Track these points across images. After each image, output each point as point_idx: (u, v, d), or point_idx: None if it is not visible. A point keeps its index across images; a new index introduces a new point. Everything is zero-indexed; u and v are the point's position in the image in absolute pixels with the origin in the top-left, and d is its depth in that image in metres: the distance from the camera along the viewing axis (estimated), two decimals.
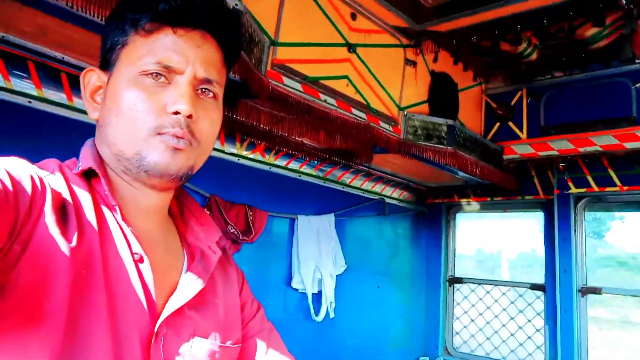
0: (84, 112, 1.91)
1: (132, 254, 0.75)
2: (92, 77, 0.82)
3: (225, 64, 0.85)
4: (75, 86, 1.87)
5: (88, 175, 0.78)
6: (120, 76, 0.77)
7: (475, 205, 3.68)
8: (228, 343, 0.87)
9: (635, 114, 2.56)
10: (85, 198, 0.74)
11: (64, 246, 0.66)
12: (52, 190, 0.70)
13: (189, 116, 0.76)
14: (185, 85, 0.76)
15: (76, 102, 1.90)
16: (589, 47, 2.39)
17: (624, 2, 1.41)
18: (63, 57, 1.75)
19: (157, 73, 0.75)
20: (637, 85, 2.56)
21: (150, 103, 0.74)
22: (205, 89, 0.80)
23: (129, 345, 0.70)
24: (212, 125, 0.81)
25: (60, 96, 1.86)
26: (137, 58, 0.76)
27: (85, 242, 0.69)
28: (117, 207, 0.76)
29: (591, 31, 2.23)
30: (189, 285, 0.82)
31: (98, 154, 0.81)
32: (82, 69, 1.78)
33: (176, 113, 0.75)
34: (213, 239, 0.92)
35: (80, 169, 0.77)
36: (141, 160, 0.75)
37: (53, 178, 0.73)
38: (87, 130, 0.86)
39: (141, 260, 0.75)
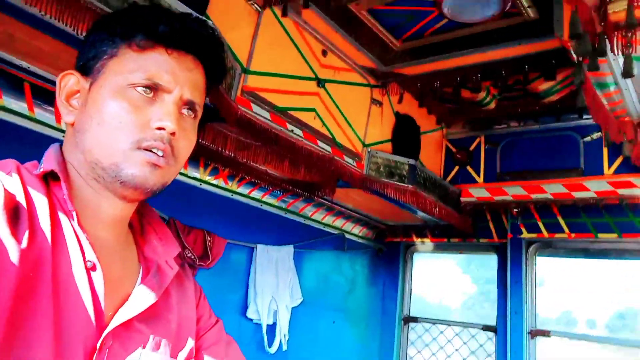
0: (45, 124, 1.89)
1: (85, 261, 0.73)
2: (70, 80, 0.81)
3: (207, 88, 0.89)
4: (38, 97, 1.84)
5: (48, 179, 0.77)
6: (106, 85, 0.77)
7: (432, 245, 3.76)
8: (180, 357, 0.85)
9: (583, 165, 2.72)
10: (41, 201, 0.72)
11: (12, 247, 0.64)
12: (5, 190, 0.68)
13: (172, 134, 0.78)
14: (171, 104, 0.79)
15: (37, 113, 1.86)
16: (542, 100, 2.55)
17: (574, 55, 1.53)
18: (28, 67, 1.73)
19: (145, 87, 0.77)
20: (585, 139, 2.73)
21: (135, 116, 0.76)
22: (187, 109, 0.83)
23: (73, 356, 0.68)
24: (189, 145, 0.84)
25: (21, 106, 1.82)
26: (127, 70, 0.77)
27: (36, 245, 0.68)
28: (74, 213, 0.75)
29: (545, 85, 2.39)
30: (141, 298, 0.80)
31: (63, 159, 0.80)
32: (47, 80, 1.79)
33: (160, 129, 0.77)
34: (171, 254, 0.92)
35: (42, 170, 0.76)
36: (118, 172, 0.76)
37: (8, 179, 0.71)
38: (47, 143, 0.84)
39: (94, 268, 0.74)
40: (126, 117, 0.75)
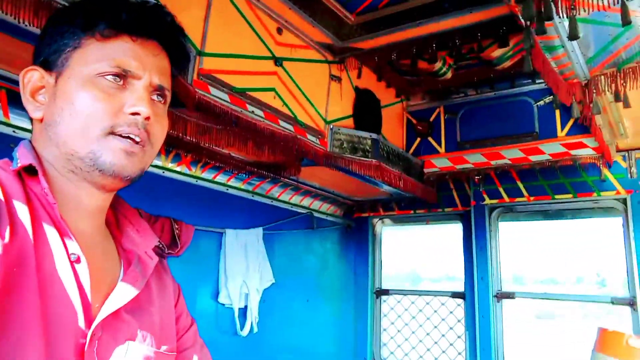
0: (21, 129, 1.83)
1: (69, 254, 0.73)
2: (33, 76, 0.81)
3: (172, 74, 0.90)
4: (13, 102, 1.80)
5: (23, 175, 0.76)
6: (74, 77, 0.78)
7: (399, 217, 3.83)
8: (163, 349, 0.86)
9: (538, 129, 2.82)
10: (18, 197, 0.72)
11: None
12: None
13: (147, 118, 0.79)
14: (142, 90, 0.80)
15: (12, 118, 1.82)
16: (496, 67, 2.61)
17: (522, 20, 1.57)
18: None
19: (114, 75, 0.78)
20: (538, 103, 2.82)
21: (107, 103, 0.77)
22: (158, 94, 0.84)
23: (63, 348, 0.68)
24: (162, 129, 0.86)
25: None
26: (93, 60, 0.78)
27: (18, 240, 0.67)
28: (55, 205, 0.74)
29: (498, 52, 2.44)
30: (126, 288, 0.81)
31: (36, 154, 0.79)
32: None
33: (134, 114, 0.78)
34: (150, 245, 0.93)
35: (19, 165, 0.75)
36: (95, 160, 0.77)
37: None
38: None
39: (78, 260, 0.74)
40: (98, 105, 0.76)
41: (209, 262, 2.74)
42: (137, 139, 0.79)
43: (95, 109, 0.76)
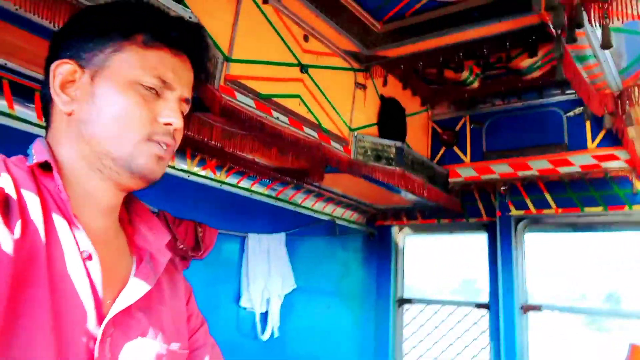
0: (26, 122, 1.87)
1: (80, 251, 0.74)
2: (65, 69, 0.82)
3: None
4: (18, 94, 1.82)
5: (35, 172, 0.77)
6: (115, 79, 0.81)
7: (423, 227, 3.79)
8: (174, 347, 0.86)
9: (567, 140, 2.76)
10: (31, 193, 0.72)
11: (5, 237, 0.64)
12: None
13: (176, 129, 0.84)
14: (175, 102, 0.85)
15: (17, 110, 1.84)
16: (524, 77, 2.57)
17: (552, 29, 1.54)
18: (6, 64, 1.71)
19: (154, 85, 0.82)
20: (568, 115, 2.76)
21: (146, 111, 0.81)
22: (184, 106, 0.88)
23: (74, 345, 0.68)
24: (181, 139, 0.90)
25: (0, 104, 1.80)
26: (134, 67, 0.81)
27: (30, 236, 0.68)
28: (67, 203, 0.75)
29: (526, 62, 2.40)
30: (138, 285, 0.81)
31: (51, 150, 0.81)
32: (25, 76, 1.77)
33: (167, 124, 0.83)
34: (162, 242, 0.93)
35: (35, 161, 0.77)
36: (130, 162, 0.80)
37: None
38: (28, 140, 0.84)
39: (89, 257, 0.75)
40: (137, 111, 0.80)
41: (232, 265, 2.76)
42: (165, 147, 0.83)
43: (135, 115, 0.80)
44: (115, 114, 0.79)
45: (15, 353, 0.63)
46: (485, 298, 3.41)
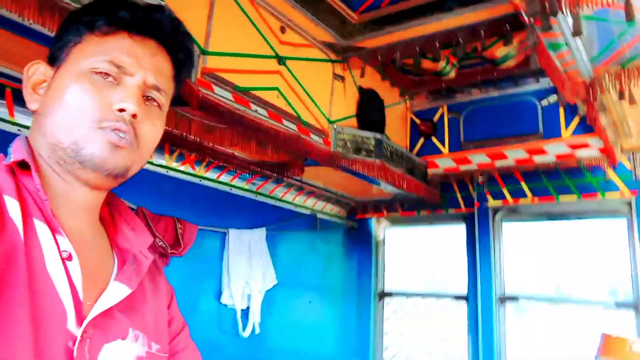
0: (27, 128, 1.85)
1: (60, 251, 0.72)
2: (37, 70, 0.82)
3: (174, 79, 0.89)
4: (19, 102, 1.83)
5: (15, 170, 0.75)
6: (69, 70, 0.78)
7: (402, 219, 3.82)
8: (155, 349, 0.85)
9: (542, 129, 2.81)
10: (9, 192, 0.71)
11: None
12: None
13: (134, 116, 0.78)
14: (133, 87, 0.79)
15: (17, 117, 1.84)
16: (500, 66, 2.61)
17: (525, 17, 1.56)
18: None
19: (107, 71, 0.78)
20: (542, 103, 2.81)
21: (97, 98, 0.76)
22: (151, 97, 0.83)
23: (53, 345, 0.67)
24: (153, 130, 0.83)
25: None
26: (89, 55, 0.78)
27: (7, 236, 0.66)
28: (46, 202, 0.73)
29: (502, 51, 2.44)
30: (120, 287, 0.80)
31: (30, 149, 0.79)
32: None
33: (121, 110, 0.77)
34: (145, 244, 0.91)
35: (11, 160, 0.75)
36: (78, 151, 0.75)
37: None
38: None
39: (69, 258, 0.73)
40: (87, 99, 0.76)
41: (212, 262, 2.74)
42: (122, 134, 0.77)
43: (83, 102, 0.75)
44: (62, 103, 0.76)
45: None
46: (464, 290, 3.45)
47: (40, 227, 0.72)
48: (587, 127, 2.61)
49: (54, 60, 0.81)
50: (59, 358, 0.67)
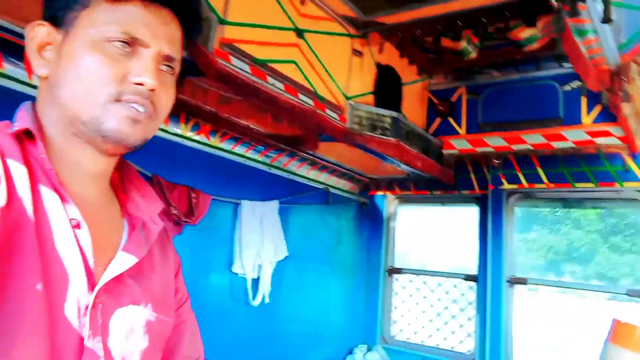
0: (16, 80, 1.84)
1: (70, 219, 0.73)
2: (39, 31, 0.79)
3: (182, 44, 0.88)
4: (7, 52, 1.79)
5: (22, 138, 0.75)
6: (81, 38, 0.76)
7: (415, 197, 3.82)
8: (163, 315, 0.87)
9: (562, 114, 2.75)
10: (17, 161, 0.71)
11: None
12: None
13: (152, 90, 0.78)
14: (150, 59, 0.78)
15: (7, 68, 1.81)
16: (523, 48, 2.54)
17: (554, 1, 1.52)
18: None
19: (122, 42, 0.76)
20: (564, 88, 2.75)
21: (113, 70, 0.75)
22: (167, 65, 0.82)
23: (66, 312, 0.69)
24: (169, 102, 0.84)
25: None
26: (102, 23, 0.76)
27: (16, 205, 0.67)
28: (52, 171, 0.74)
29: (525, 33, 2.37)
30: (130, 253, 0.81)
31: (36, 117, 0.78)
32: (12, 32, 1.72)
33: (139, 84, 0.76)
34: (155, 211, 0.92)
35: (16, 129, 0.74)
36: (99, 126, 0.75)
37: None
38: (19, 99, 0.82)
39: (78, 226, 0.74)
40: (103, 71, 0.75)
41: (224, 232, 2.78)
42: (141, 109, 0.77)
43: (100, 74, 0.74)
44: (79, 74, 0.75)
45: (7, 320, 0.63)
46: (474, 270, 3.47)
47: (49, 196, 0.72)
48: (608, 115, 2.56)
49: (58, 22, 0.78)
50: (71, 322, 0.69)
